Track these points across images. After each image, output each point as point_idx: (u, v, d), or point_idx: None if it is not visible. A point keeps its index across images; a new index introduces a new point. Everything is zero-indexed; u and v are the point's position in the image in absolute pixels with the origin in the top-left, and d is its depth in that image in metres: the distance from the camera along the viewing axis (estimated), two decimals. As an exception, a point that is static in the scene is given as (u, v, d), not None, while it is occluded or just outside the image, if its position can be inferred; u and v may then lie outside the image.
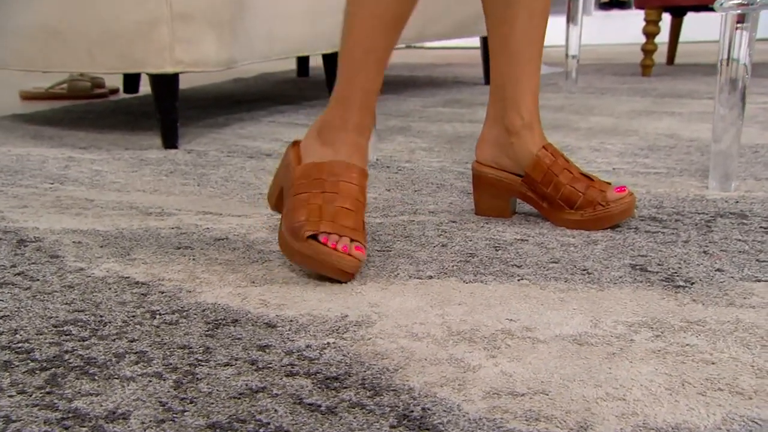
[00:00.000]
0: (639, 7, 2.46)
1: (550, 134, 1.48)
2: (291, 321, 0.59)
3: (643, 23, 2.50)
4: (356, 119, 0.76)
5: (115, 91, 2.46)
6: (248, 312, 0.61)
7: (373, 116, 0.80)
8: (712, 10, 2.62)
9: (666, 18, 2.71)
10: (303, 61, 2.95)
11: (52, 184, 1.10)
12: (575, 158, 1.23)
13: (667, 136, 1.39)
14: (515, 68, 0.86)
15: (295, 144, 0.81)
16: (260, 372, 0.50)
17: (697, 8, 2.54)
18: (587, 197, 0.84)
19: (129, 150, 1.40)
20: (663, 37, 2.90)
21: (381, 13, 0.74)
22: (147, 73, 1.39)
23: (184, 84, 2.73)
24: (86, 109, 2.05)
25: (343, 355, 0.53)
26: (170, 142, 1.42)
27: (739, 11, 0.85)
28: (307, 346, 0.54)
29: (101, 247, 0.78)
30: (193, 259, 0.75)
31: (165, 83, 1.39)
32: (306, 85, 2.58)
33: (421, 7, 2.47)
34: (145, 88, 2.64)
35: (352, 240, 0.68)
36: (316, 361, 0.52)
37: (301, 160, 0.77)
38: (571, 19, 2.01)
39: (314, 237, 0.67)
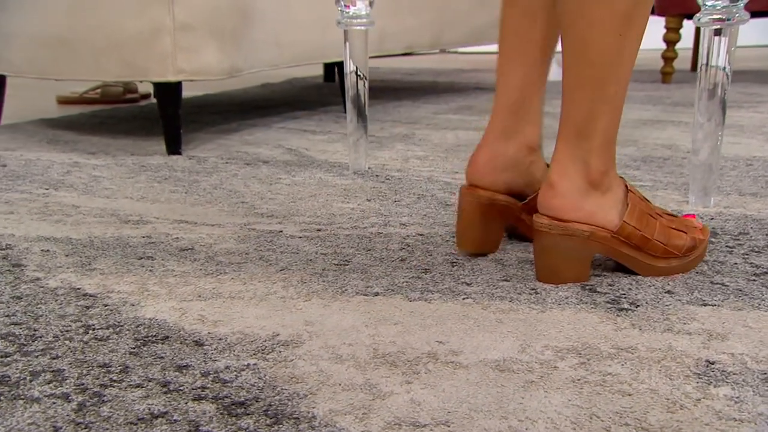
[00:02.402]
0: (660, 14, 2.39)
1: (551, 143, 1.45)
2: (220, 339, 0.60)
3: (664, 30, 2.44)
4: None
5: (146, 96, 2.52)
6: (182, 328, 0.62)
7: None
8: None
9: (688, 25, 2.63)
10: (329, 67, 2.97)
11: (47, 189, 1.14)
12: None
13: (665, 147, 1.35)
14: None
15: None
16: (168, 395, 0.51)
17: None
18: None
19: (134, 156, 1.43)
20: (687, 43, 2.82)
21: None
22: (150, 81, 1.43)
23: (208, 89, 2.79)
24: (111, 114, 2.11)
25: (259, 378, 0.53)
26: (173, 148, 1.45)
27: (715, 26, 0.82)
28: (226, 368, 0.55)
29: (66, 256, 0.81)
30: (150, 270, 0.76)
31: (168, 91, 1.41)
32: (329, 91, 2.59)
33: (437, 13, 2.45)
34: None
35: None
36: (230, 384, 0.52)
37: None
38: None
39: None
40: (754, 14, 2.56)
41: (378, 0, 1.89)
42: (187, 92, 2.70)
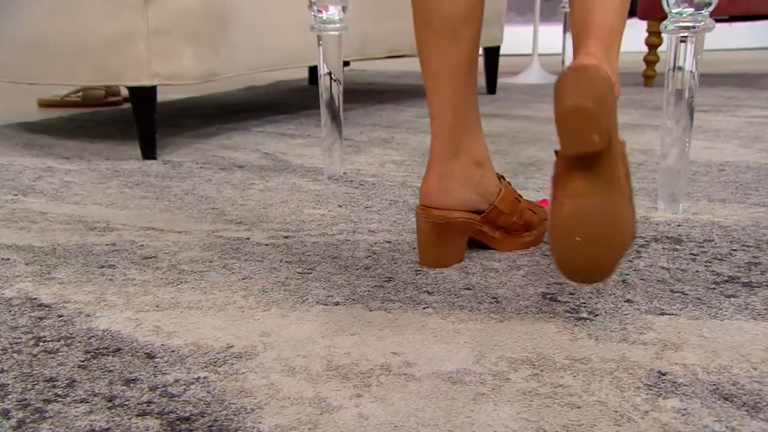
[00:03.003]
0: (642, 18, 2.40)
1: (526, 148, 1.45)
2: (173, 351, 0.59)
3: (646, 34, 2.45)
4: None
5: (128, 99, 2.51)
6: (135, 340, 0.61)
7: None
8: (722, 20, 2.55)
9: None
10: (314, 70, 2.96)
11: (15, 195, 1.13)
12: (541, 174, 1.20)
13: (641, 152, 1.35)
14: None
15: None
16: (113, 411, 0.50)
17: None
18: (539, 216, 0.83)
19: (109, 160, 1.42)
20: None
21: None
22: (125, 86, 1.42)
23: (191, 93, 2.78)
24: (90, 117, 2.10)
25: (208, 392, 0.52)
26: (148, 153, 1.44)
27: (681, 34, 0.82)
28: (176, 381, 0.54)
29: (26, 264, 0.80)
30: (110, 280, 0.75)
31: (142, 95, 1.40)
32: (313, 94, 2.59)
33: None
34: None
35: None
36: (177, 399, 0.51)
37: None
38: (567, 29, 1.97)
39: None
40: (738, 18, 2.58)
41: (360, 5, 1.89)
42: (167, 96, 2.70)
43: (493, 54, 2.36)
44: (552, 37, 3.70)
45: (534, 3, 2.84)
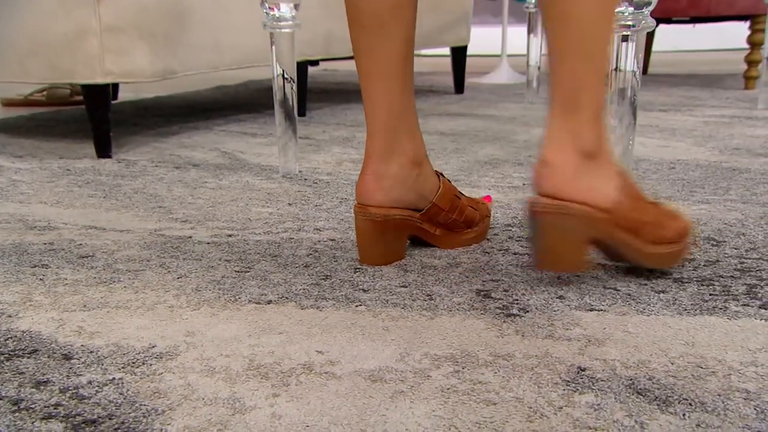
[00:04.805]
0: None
1: (485, 147, 1.45)
2: (92, 352, 0.57)
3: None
4: None
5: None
6: (55, 341, 0.59)
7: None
8: (679, 22, 2.58)
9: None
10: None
11: (-41, 196, 1.10)
12: (495, 173, 1.20)
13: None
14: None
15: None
16: (17, 414, 0.48)
17: (667, 20, 2.54)
18: (481, 213, 0.83)
19: (62, 159, 1.39)
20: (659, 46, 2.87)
21: None
22: (78, 84, 1.39)
23: (159, 91, 2.75)
24: (52, 116, 2.06)
25: (120, 394, 0.51)
26: (103, 151, 1.42)
27: (623, 32, 0.83)
28: (89, 383, 0.53)
29: (-44, 265, 0.78)
30: (41, 279, 0.73)
31: (96, 93, 1.38)
32: (280, 91, 2.57)
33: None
34: (123, 95, 2.66)
35: None
36: (87, 401, 0.50)
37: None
38: (532, 30, 1.98)
39: None
40: (701, 20, 2.61)
41: (324, 4, 1.88)
42: (131, 94, 2.67)
43: (460, 54, 2.37)
44: (523, 38, 3.71)
45: (503, 4, 2.84)
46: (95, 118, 1.40)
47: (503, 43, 2.86)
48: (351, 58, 2.20)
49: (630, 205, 0.67)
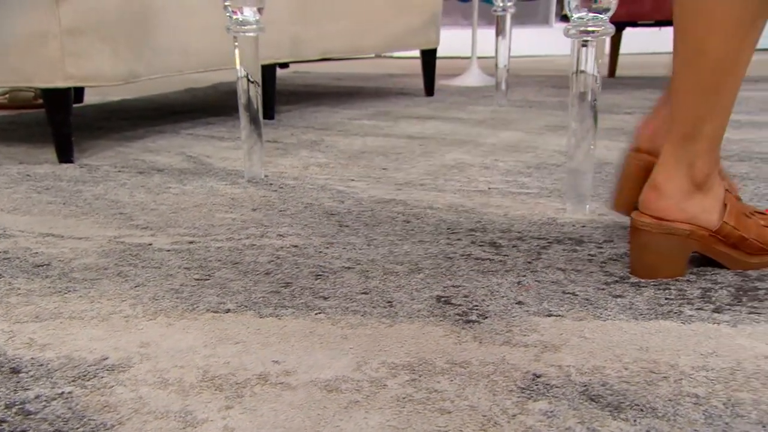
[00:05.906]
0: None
1: (453, 150, 1.46)
2: (42, 365, 0.56)
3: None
4: None
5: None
6: (4, 354, 0.58)
7: None
8: (649, 25, 2.62)
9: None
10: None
11: None
12: (461, 176, 1.21)
13: (562, 154, 1.37)
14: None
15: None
16: (-42, 426, 0.47)
17: (634, 24, 2.59)
18: None
19: (22, 164, 1.36)
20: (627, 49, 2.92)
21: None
22: (38, 88, 1.37)
23: (127, 94, 2.71)
24: (14, 119, 2.02)
25: (69, 408, 0.50)
26: (64, 156, 1.39)
27: (583, 38, 0.83)
28: (36, 397, 0.51)
29: None
30: (-8, 290, 0.72)
31: (56, 97, 1.35)
32: (250, 93, 2.55)
33: (354, 21, 2.45)
34: (89, 98, 2.62)
35: None
36: (33, 417, 0.49)
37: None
38: (499, 32, 1.99)
39: None
40: (666, 23, 2.65)
41: (289, 7, 1.87)
42: (98, 97, 2.62)
43: (429, 56, 2.37)
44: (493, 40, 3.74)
45: (473, 7, 2.86)
46: (56, 122, 1.37)
47: (473, 46, 2.88)
48: (319, 60, 2.19)
49: (733, 224, 0.71)
